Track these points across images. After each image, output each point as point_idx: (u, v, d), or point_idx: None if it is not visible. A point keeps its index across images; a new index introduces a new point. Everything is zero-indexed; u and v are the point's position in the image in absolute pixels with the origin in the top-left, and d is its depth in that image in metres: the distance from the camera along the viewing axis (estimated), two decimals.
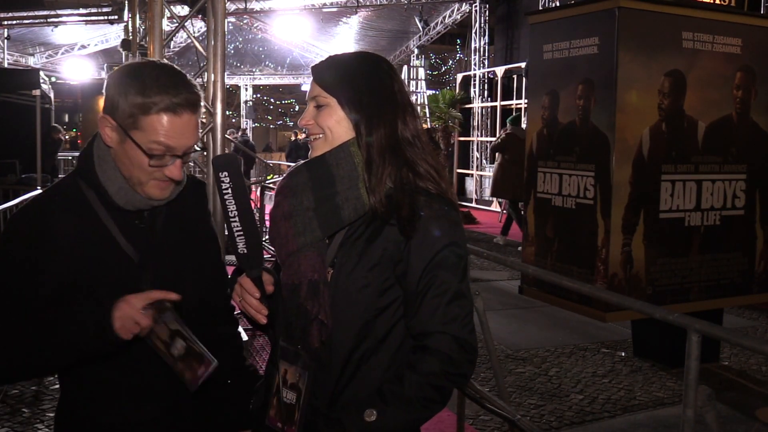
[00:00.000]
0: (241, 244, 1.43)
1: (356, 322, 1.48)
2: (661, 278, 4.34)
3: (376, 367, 1.49)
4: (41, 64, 21.03)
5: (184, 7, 7.50)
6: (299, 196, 1.51)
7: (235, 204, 1.42)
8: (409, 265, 1.46)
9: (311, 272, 1.48)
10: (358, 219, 1.49)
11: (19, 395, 4.36)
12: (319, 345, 1.49)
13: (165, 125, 1.50)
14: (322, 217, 1.49)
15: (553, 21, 4.64)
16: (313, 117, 1.54)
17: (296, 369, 1.52)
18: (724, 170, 4.55)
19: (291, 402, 1.52)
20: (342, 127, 1.50)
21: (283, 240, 1.52)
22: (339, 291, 1.48)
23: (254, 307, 1.46)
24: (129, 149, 1.53)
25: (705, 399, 2.15)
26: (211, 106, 4.32)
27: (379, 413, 1.41)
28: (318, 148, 1.53)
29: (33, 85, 9.01)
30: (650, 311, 2.64)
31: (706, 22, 4.38)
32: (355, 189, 1.48)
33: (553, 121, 4.51)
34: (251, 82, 25.22)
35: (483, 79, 17.09)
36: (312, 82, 1.55)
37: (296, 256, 1.50)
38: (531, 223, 4.69)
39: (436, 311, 1.44)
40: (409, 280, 1.46)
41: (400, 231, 1.45)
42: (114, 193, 1.56)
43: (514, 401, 4.35)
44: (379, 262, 1.47)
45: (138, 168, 1.53)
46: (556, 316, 6.26)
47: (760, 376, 5.05)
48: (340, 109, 1.50)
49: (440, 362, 1.43)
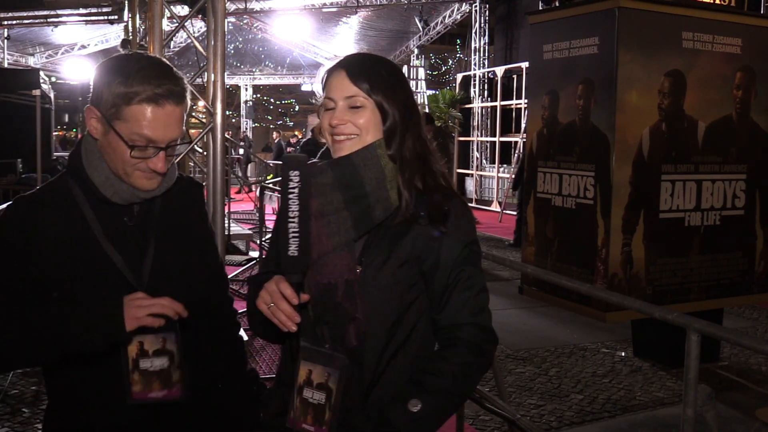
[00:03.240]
0: (294, 246, 1.41)
1: (388, 319, 1.53)
2: (661, 278, 4.34)
3: (404, 361, 1.54)
4: (41, 64, 21.01)
5: (184, 7, 7.50)
6: (328, 196, 1.52)
7: (298, 205, 1.41)
8: (439, 261, 1.53)
9: (347, 272, 1.51)
10: (386, 219, 1.53)
11: (19, 395, 4.36)
12: (357, 343, 1.51)
13: (147, 116, 1.49)
14: (356, 217, 1.51)
15: (553, 21, 4.64)
16: (348, 117, 1.54)
17: (324, 369, 1.52)
18: (724, 170, 4.54)
19: (320, 402, 1.52)
20: (374, 129, 1.55)
21: (315, 240, 1.51)
22: (369, 289, 1.52)
23: (288, 314, 1.43)
24: (112, 140, 1.52)
25: (705, 399, 2.15)
26: (211, 106, 4.32)
27: (423, 404, 1.46)
28: (347, 149, 1.54)
29: (33, 85, 9.01)
30: (650, 311, 2.64)
31: (706, 22, 4.38)
32: (383, 190, 1.52)
33: (553, 121, 4.51)
34: (251, 82, 25.19)
35: (483, 79, 17.09)
36: (344, 80, 1.54)
37: (330, 256, 1.51)
38: (531, 223, 4.69)
39: (466, 304, 1.54)
40: (440, 275, 1.54)
41: (434, 228, 1.53)
42: (100, 184, 1.55)
43: (514, 401, 4.35)
44: (408, 260, 1.53)
45: (121, 159, 1.52)
46: (556, 316, 6.27)
47: (760, 376, 5.05)
48: (376, 113, 1.54)
49: (472, 353, 1.52)
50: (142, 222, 1.61)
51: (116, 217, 1.59)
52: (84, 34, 20.12)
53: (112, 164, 1.54)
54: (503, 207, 14.16)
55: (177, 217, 1.67)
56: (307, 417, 1.53)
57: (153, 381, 1.54)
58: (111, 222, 1.58)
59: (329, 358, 1.52)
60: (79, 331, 1.47)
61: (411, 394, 1.47)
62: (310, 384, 1.53)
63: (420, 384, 1.48)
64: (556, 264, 4.46)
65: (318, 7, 17.35)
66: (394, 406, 1.47)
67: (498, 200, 15.18)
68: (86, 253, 1.54)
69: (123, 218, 1.59)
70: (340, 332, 1.52)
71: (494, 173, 15.86)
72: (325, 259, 1.51)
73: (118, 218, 1.59)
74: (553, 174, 4.49)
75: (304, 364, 1.54)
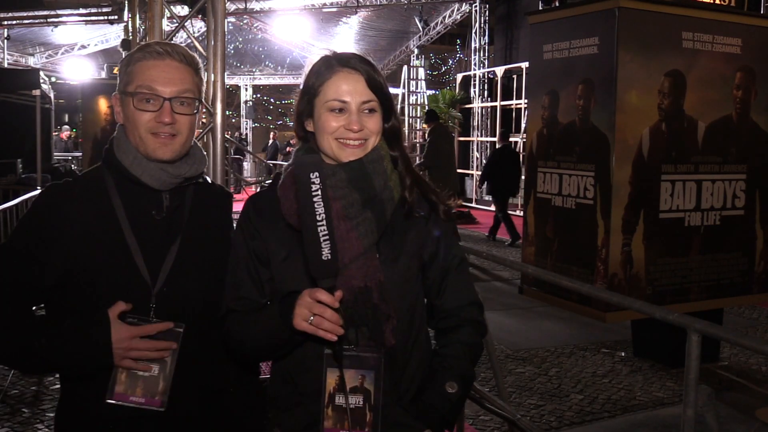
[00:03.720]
0: (326, 250, 1.36)
1: (407, 312, 1.57)
2: (661, 278, 4.34)
3: (420, 351, 1.60)
4: (41, 64, 21.02)
5: (184, 7, 7.49)
6: (348, 198, 1.51)
7: (323, 207, 1.37)
8: (439, 248, 1.61)
9: (379, 273, 1.51)
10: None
11: (19, 395, 4.36)
12: (395, 342, 1.52)
13: (147, 66, 1.58)
14: (377, 218, 1.52)
15: (553, 21, 4.64)
16: (364, 122, 1.54)
17: (356, 372, 1.51)
18: (724, 170, 4.54)
19: (358, 405, 1.50)
20: (378, 132, 1.58)
21: (345, 242, 1.48)
22: (392, 286, 1.53)
23: (334, 320, 1.39)
24: (126, 109, 1.60)
25: (705, 399, 2.15)
26: (211, 106, 4.32)
27: (459, 385, 1.53)
28: (359, 153, 1.54)
29: (33, 85, 9.00)
30: (650, 311, 2.64)
31: (706, 22, 4.38)
32: (389, 189, 1.55)
33: (553, 121, 4.51)
34: (251, 82, 25.19)
35: (483, 79, 17.09)
36: (362, 84, 1.53)
37: (362, 259, 1.50)
38: (531, 223, 4.69)
39: (463, 287, 1.64)
40: (438, 260, 1.61)
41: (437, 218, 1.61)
42: (129, 164, 1.59)
43: (514, 401, 4.35)
44: (416, 252, 1.59)
45: (135, 125, 1.58)
46: (556, 316, 6.26)
47: (760, 376, 5.05)
48: (380, 116, 1.57)
49: (477, 331, 1.64)
50: (170, 218, 1.62)
51: (145, 209, 1.60)
52: (84, 34, 20.12)
53: (133, 140, 1.59)
54: None
55: (204, 220, 1.68)
56: (345, 422, 1.49)
57: (137, 385, 1.55)
58: (139, 214, 1.59)
59: (360, 361, 1.50)
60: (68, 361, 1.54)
61: (445, 378, 1.53)
62: (342, 390, 1.50)
63: (448, 368, 1.55)
64: (556, 264, 4.46)
65: (318, 7, 17.35)
66: (433, 392, 1.52)
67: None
68: (109, 244, 1.56)
69: (152, 211, 1.60)
70: (379, 333, 1.51)
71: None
72: (358, 262, 1.49)
73: (147, 211, 1.60)
74: (553, 174, 4.49)
75: (330, 372, 1.51)
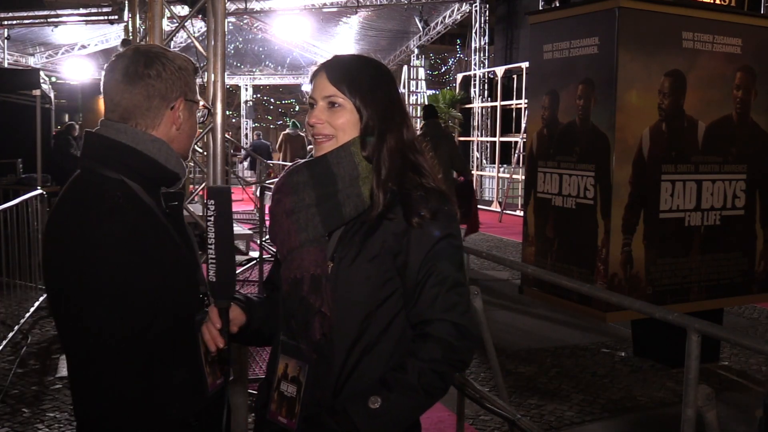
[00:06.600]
0: (212, 272, 1.45)
1: (359, 314, 1.53)
2: (661, 278, 4.34)
3: (378, 358, 1.52)
4: (41, 64, 21.00)
5: (184, 7, 7.50)
6: (300, 194, 1.56)
7: (214, 232, 1.44)
8: (408, 257, 1.51)
9: (314, 267, 1.53)
10: (358, 216, 1.54)
11: (19, 395, 4.36)
12: (320, 337, 1.52)
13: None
14: (325, 213, 1.54)
15: (553, 21, 4.64)
16: (326, 117, 1.56)
17: (297, 362, 1.56)
18: (724, 170, 4.54)
19: (292, 395, 1.56)
20: (350, 128, 1.56)
21: (285, 236, 1.56)
22: (340, 284, 1.53)
23: (212, 335, 1.47)
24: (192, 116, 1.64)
25: (705, 399, 2.15)
26: (211, 106, 4.32)
27: (383, 400, 1.44)
28: (326, 149, 1.57)
29: (33, 85, 8.99)
30: (650, 311, 2.64)
31: (706, 22, 4.38)
32: (355, 187, 1.53)
33: (553, 121, 4.51)
34: (251, 82, 25.18)
35: (483, 79, 17.10)
36: (324, 80, 1.57)
37: (298, 252, 1.55)
38: (531, 223, 4.69)
39: (436, 299, 1.49)
40: (410, 271, 1.51)
41: (406, 222, 1.51)
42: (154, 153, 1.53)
43: (514, 401, 4.35)
44: (379, 254, 1.52)
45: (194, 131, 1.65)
46: (556, 316, 6.26)
47: (760, 376, 5.04)
48: (353, 112, 1.55)
49: (442, 348, 1.47)
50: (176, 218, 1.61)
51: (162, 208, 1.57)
52: (84, 34, 20.12)
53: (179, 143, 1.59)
54: (503, 207, 14.17)
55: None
56: (282, 409, 1.57)
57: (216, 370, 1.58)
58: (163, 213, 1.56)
59: (298, 351, 1.56)
60: None
61: (373, 391, 1.45)
62: (286, 377, 1.58)
63: (384, 380, 1.47)
64: (556, 264, 4.46)
65: (318, 7, 17.35)
66: (354, 402, 1.46)
67: (498, 200, 15.18)
68: (168, 249, 1.51)
69: (166, 210, 1.58)
70: (306, 326, 1.54)
71: (494, 173, 15.86)
72: (294, 255, 1.55)
73: (163, 210, 1.57)
74: (553, 174, 4.49)
75: (282, 358, 1.59)
